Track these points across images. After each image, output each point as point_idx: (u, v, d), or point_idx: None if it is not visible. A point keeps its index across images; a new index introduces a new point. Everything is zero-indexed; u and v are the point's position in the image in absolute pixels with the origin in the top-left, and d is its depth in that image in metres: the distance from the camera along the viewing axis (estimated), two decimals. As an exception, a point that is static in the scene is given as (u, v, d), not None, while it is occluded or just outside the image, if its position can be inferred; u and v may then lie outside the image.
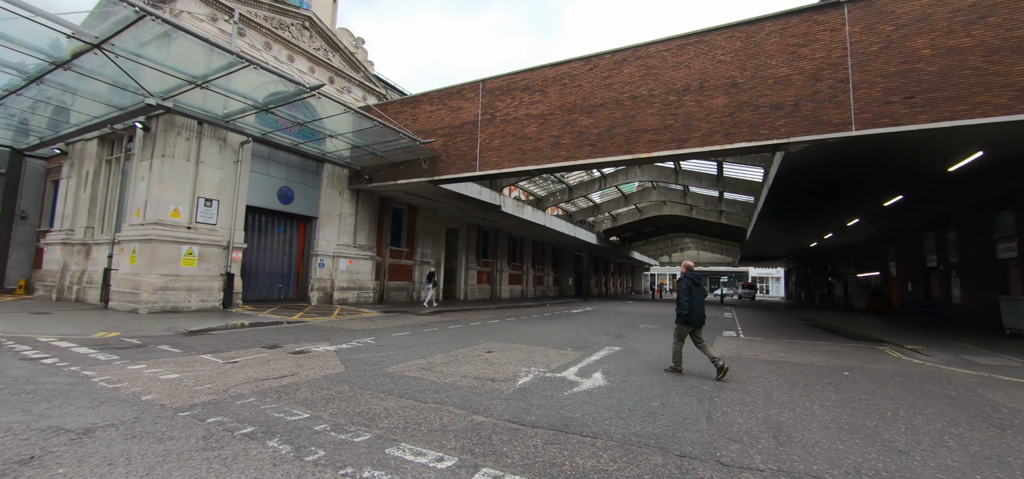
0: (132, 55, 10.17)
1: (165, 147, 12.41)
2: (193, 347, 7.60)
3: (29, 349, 6.81)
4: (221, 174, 13.59)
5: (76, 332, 8.54)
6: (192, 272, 12.56)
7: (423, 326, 12.34)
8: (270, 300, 16.00)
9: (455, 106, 16.15)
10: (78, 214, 15.01)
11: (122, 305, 11.94)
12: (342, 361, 6.93)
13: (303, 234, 17.37)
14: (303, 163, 16.76)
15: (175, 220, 12.38)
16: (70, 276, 14.62)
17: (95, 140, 15.04)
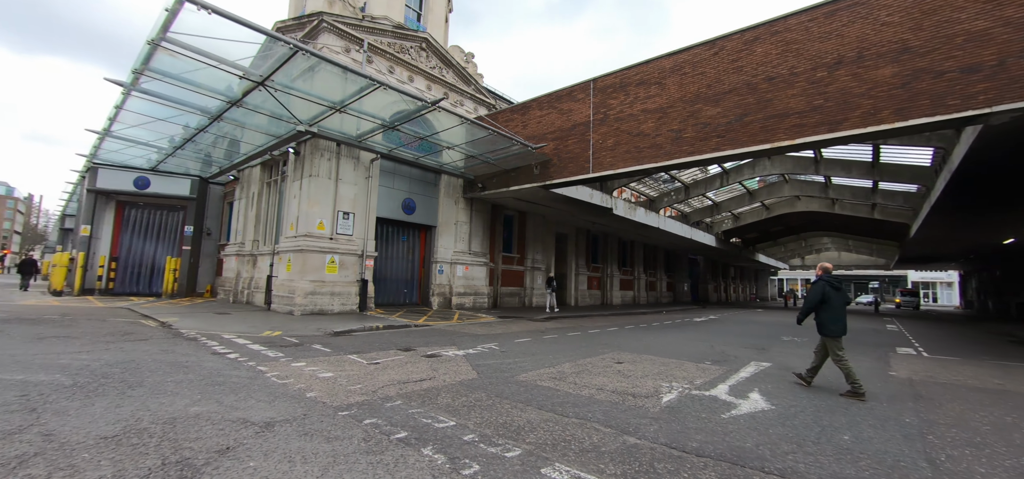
0: (286, 88, 11.60)
1: (311, 168, 13.99)
2: (340, 347, 8.25)
3: (217, 345, 7.94)
4: (355, 189, 14.95)
5: (249, 330, 9.85)
6: (334, 278, 13.94)
7: (542, 333, 12.17)
8: (397, 304, 17.19)
9: (565, 109, 15.87)
10: (247, 230, 17.68)
11: (281, 307, 13.65)
12: (473, 366, 6.95)
13: (424, 242, 18.43)
14: (422, 175, 17.80)
15: (320, 232, 13.86)
16: (242, 282, 17.23)
17: (259, 166, 17.60)
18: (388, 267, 17.05)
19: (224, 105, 12.23)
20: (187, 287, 19.67)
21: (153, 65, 10.33)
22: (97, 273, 18.80)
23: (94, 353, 6.58)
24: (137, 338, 8.20)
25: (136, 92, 11.70)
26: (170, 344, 7.72)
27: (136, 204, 19.95)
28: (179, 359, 6.48)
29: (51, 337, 7.76)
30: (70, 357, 6.20)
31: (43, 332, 8.27)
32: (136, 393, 4.66)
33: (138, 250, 19.82)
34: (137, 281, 19.63)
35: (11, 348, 6.64)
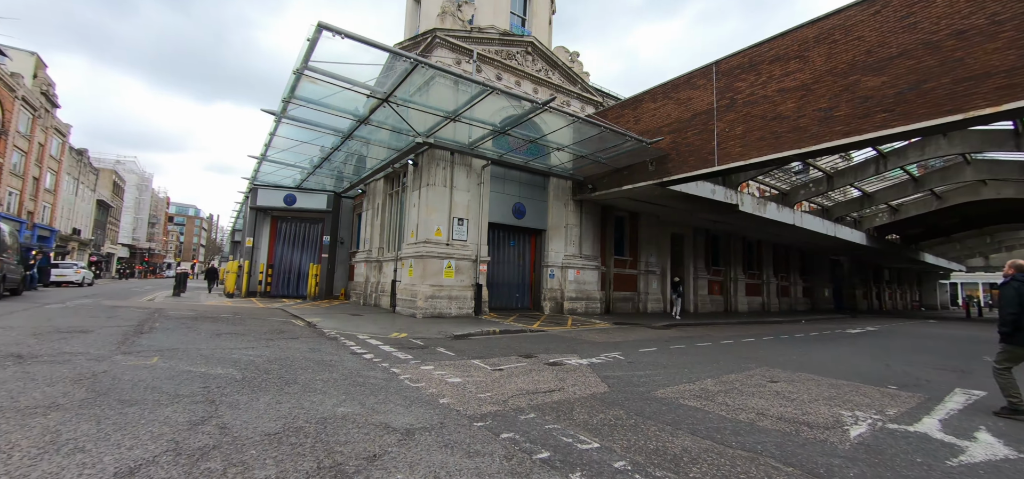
0: (406, 102, 12.25)
1: (428, 177, 14.65)
2: (462, 351, 8.30)
3: (353, 345, 8.49)
4: (468, 196, 15.33)
5: (379, 332, 10.47)
6: (451, 283, 14.39)
7: (667, 342, 11.18)
8: (509, 308, 17.29)
9: (682, 98, 14.61)
10: (373, 238, 19.22)
11: (404, 310, 14.46)
12: (601, 378, 6.43)
13: (534, 246, 18.33)
14: (532, 179, 17.73)
15: (437, 239, 14.43)
16: (370, 286, 18.73)
17: (382, 179, 19.05)
18: (500, 272, 17.23)
19: (354, 124, 13.32)
20: (326, 290, 22.02)
21: (298, 93, 11.57)
22: (258, 278, 21.93)
23: (257, 349, 7.37)
24: (289, 336, 9.11)
25: (285, 119, 13.25)
26: (316, 343, 8.42)
27: (286, 218, 22.93)
28: (324, 358, 6.96)
29: (226, 334, 8.95)
30: (239, 353, 7.00)
31: (220, 329, 9.61)
32: (291, 390, 4.98)
33: (288, 258, 22.73)
34: (288, 285, 22.51)
35: (198, 343, 7.73)
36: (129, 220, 67.27)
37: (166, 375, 5.32)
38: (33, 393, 4.34)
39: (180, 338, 8.13)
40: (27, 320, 9.45)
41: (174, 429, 3.63)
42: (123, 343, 7.33)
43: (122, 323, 9.78)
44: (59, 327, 8.70)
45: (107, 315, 11.10)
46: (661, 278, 22.28)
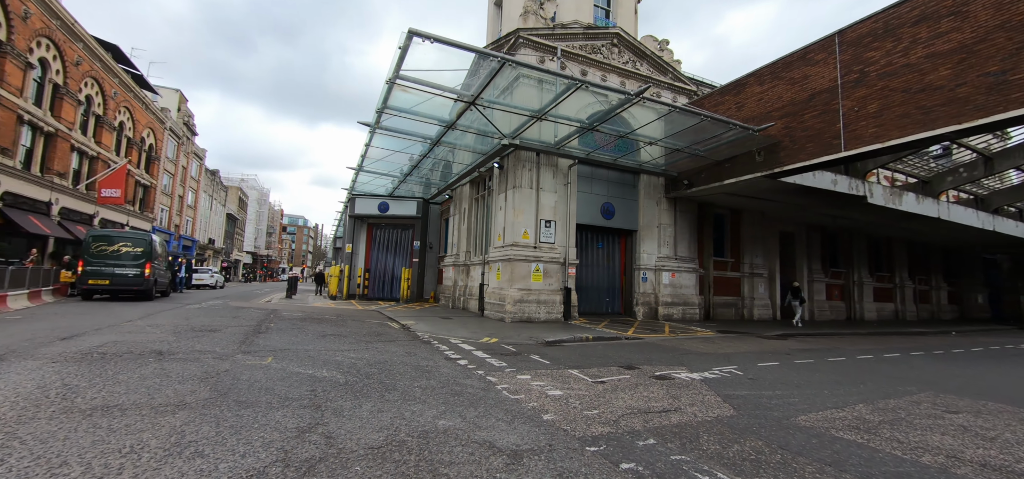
0: (492, 104, 12.13)
1: (514, 179, 14.44)
2: (557, 360, 7.83)
3: (447, 349, 8.42)
4: (555, 197, 14.89)
5: (470, 336, 10.38)
6: (540, 287, 14.03)
7: (788, 355, 9.78)
8: (599, 314, 16.53)
9: (797, 77, 12.88)
10: (460, 242, 19.53)
11: (493, 314, 14.37)
12: (722, 397, 5.59)
13: (624, 248, 17.38)
14: (621, 178, 16.83)
15: (525, 241, 14.16)
16: (458, 290, 19.03)
17: (468, 184, 19.29)
18: (589, 275, 16.54)
19: (441, 129, 13.52)
20: (416, 294, 22.87)
21: (390, 103, 11.95)
22: (356, 281, 23.40)
23: (358, 352, 7.54)
24: (386, 339, 9.31)
25: (379, 129, 13.82)
26: (411, 346, 8.47)
27: (380, 225, 24.25)
28: (420, 363, 6.89)
29: (330, 335, 9.38)
30: (342, 355, 7.19)
31: (324, 331, 10.12)
32: (392, 397, 4.87)
33: (382, 262, 24.00)
34: (382, 288, 23.75)
35: (306, 344, 8.12)
36: (251, 230, 76.46)
37: (278, 376, 5.51)
38: (166, 391, 4.64)
39: (290, 339, 8.62)
40: (170, 319, 10.71)
41: (284, 436, 3.59)
42: (243, 342, 7.90)
43: (244, 323, 10.71)
44: (194, 326, 9.70)
45: (232, 315, 12.30)
46: (769, 281, 20.03)
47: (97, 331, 8.36)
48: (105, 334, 8.03)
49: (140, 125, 31.98)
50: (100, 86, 26.20)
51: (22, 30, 19.22)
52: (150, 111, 33.73)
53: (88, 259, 15.16)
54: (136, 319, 10.40)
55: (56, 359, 5.81)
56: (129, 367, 5.58)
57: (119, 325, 9.31)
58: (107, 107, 27.08)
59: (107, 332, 8.26)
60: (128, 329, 8.76)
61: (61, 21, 21.83)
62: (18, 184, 19.88)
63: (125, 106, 29.57)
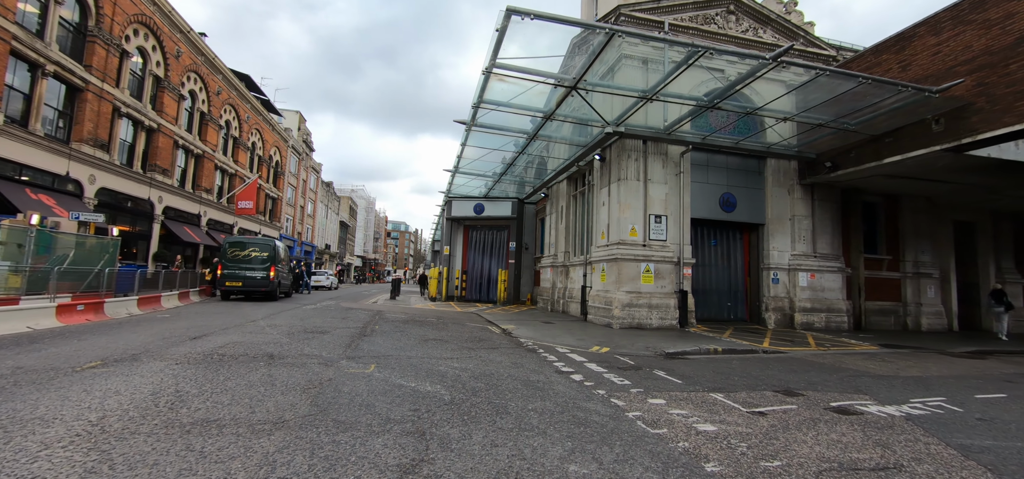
0: (594, 87, 11.00)
1: (619, 171, 13.13)
2: (689, 378, 6.51)
3: (555, 359, 7.50)
4: (666, 189, 13.29)
5: (577, 344, 9.37)
6: (651, 289, 12.57)
7: (1008, 381, 7.32)
8: (719, 320, 14.51)
9: (995, 16, 9.97)
10: (558, 242, 18.59)
11: (597, 319, 13.19)
12: (956, 450, 3.93)
13: (747, 244, 15.11)
14: (742, 164, 14.63)
15: (633, 239, 12.78)
16: (557, 292, 18.11)
17: (565, 180, 18.30)
18: (706, 276, 14.61)
19: (539, 122, 12.71)
20: (513, 296, 22.40)
21: (487, 96, 11.40)
22: (454, 284, 23.60)
23: (461, 360, 6.92)
24: (489, 346, 8.66)
25: (475, 127, 13.41)
26: (516, 355, 7.70)
27: (476, 226, 24.25)
28: (530, 376, 6.06)
29: (432, 340, 8.98)
30: (445, 364, 6.61)
31: (426, 334, 9.80)
32: (505, 424, 4.05)
33: (479, 264, 23.96)
34: (479, 290, 23.69)
35: (408, 349, 7.73)
36: (361, 236, 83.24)
37: (380, 389, 5.00)
38: (268, 404, 4.29)
39: (394, 343, 8.33)
40: (288, 320, 11.19)
41: (381, 474, 2.91)
42: (349, 346, 7.73)
43: (351, 325, 10.82)
44: (306, 327, 9.94)
45: (342, 317, 12.65)
46: (940, 284, 16.20)
47: (223, 331, 8.81)
48: (229, 334, 8.39)
49: (268, 144, 35.93)
50: (236, 112, 29.76)
51: (175, 67, 22.28)
52: (276, 131, 37.80)
53: (225, 263, 16.87)
54: (259, 319, 11.01)
55: (180, 360, 5.93)
56: (240, 372, 5.46)
57: (243, 325, 9.83)
58: (242, 130, 30.69)
59: (232, 332, 8.65)
60: (250, 330, 9.15)
61: (205, 57, 25.04)
62: (175, 199, 23.09)
63: (256, 128, 33.36)
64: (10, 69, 14.24)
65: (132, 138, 20.19)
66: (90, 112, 17.16)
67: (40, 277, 11.74)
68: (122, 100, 18.79)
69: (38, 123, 15.19)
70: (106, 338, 7.60)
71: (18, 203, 13.57)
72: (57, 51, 15.57)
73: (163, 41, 21.16)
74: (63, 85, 16.36)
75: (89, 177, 17.22)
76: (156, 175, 21.33)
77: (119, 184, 18.91)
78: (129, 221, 20.32)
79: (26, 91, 14.95)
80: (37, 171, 15.18)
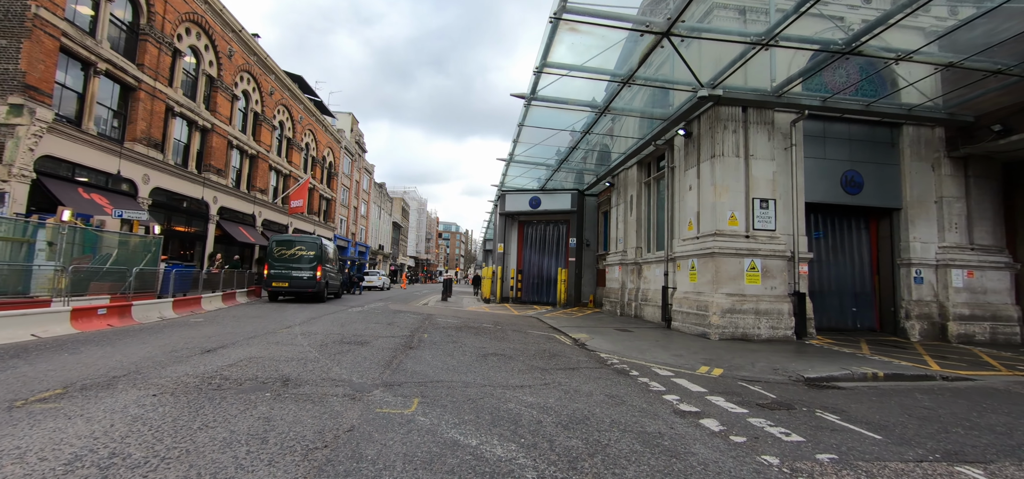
0: (692, 33, 8.73)
1: (713, 146, 10.72)
2: (882, 426, 4.22)
3: (658, 386, 5.43)
4: (772, 167, 10.72)
5: (676, 362, 7.20)
6: (757, 291, 10.08)
7: None
8: (843, 329, 11.70)
9: None
10: (627, 237, 16.29)
11: (686, 327, 10.86)
12: None
13: (875, 234, 12.14)
14: (869, 133, 11.71)
15: (732, 229, 10.35)
16: (627, 293, 15.83)
17: (634, 166, 15.98)
18: (822, 274, 11.84)
19: (613, 88, 10.58)
20: (574, 297, 20.28)
21: (551, 58, 9.48)
22: (509, 284, 21.84)
23: (537, 391, 5.01)
24: (565, 364, 6.70)
25: (535, 101, 11.51)
26: (607, 381, 5.68)
27: (531, 222, 22.35)
28: (643, 424, 4.03)
29: (492, 355, 7.15)
30: (515, 397, 4.73)
31: (484, 346, 7.99)
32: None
33: (535, 263, 22.04)
34: (536, 290, 21.77)
35: (463, 371, 5.93)
36: (413, 237, 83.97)
37: (423, 453, 3.18)
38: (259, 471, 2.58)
39: (444, 360, 6.57)
40: (327, 327, 9.80)
41: None
42: (389, 365, 6.05)
43: (396, 333, 9.23)
44: (345, 336, 8.43)
45: (387, 322, 11.16)
46: None
47: (247, 341, 7.44)
48: (250, 346, 6.98)
49: (321, 145, 35.97)
50: (289, 112, 29.71)
51: (228, 66, 22.09)
52: (329, 133, 37.88)
53: (272, 263, 16.04)
54: (295, 326, 9.70)
55: (163, 389, 4.43)
56: (230, 412, 3.85)
57: (274, 333, 8.49)
58: (295, 131, 30.65)
59: (254, 344, 7.25)
60: (278, 339, 7.74)
61: (257, 57, 24.88)
62: (230, 200, 22.96)
63: (309, 129, 33.36)
64: (62, 67, 14.03)
65: (187, 138, 20.05)
66: (143, 111, 16.94)
67: (82, 279, 11.14)
68: (175, 99, 18.58)
69: (91, 122, 14.97)
70: (104, 351, 6.38)
71: (68, 202, 13.24)
72: (108, 49, 15.32)
73: (215, 40, 20.95)
74: (116, 84, 16.17)
75: (143, 176, 17.01)
76: (211, 175, 21.17)
77: (174, 184, 18.73)
78: (184, 221, 20.22)
79: (79, 90, 14.76)
80: (90, 170, 14.97)
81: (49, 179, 13.48)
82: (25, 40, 12.82)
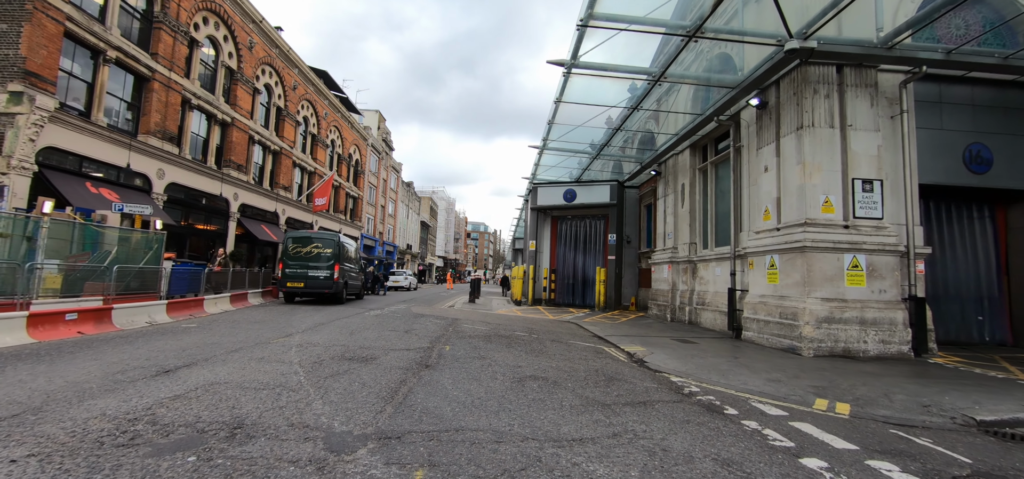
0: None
1: (800, 116, 8.67)
2: None
3: (781, 437, 3.60)
4: (876, 139, 8.58)
5: (773, 390, 5.32)
6: (861, 295, 7.99)
7: None
8: (968, 343, 9.42)
9: None
10: (679, 231, 14.27)
11: (764, 338, 8.84)
12: None
13: (1004, 225, 9.76)
14: (999, 97, 9.36)
15: (827, 217, 8.28)
16: (679, 295, 13.82)
17: (686, 150, 13.96)
18: (937, 274, 9.57)
19: (676, 44, 8.68)
20: (614, 299, 18.36)
21: (598, 9, 7.71)
22: (542, 284, 20.09)
23: (605, 453, 3.28)
24: (631, 396, 4.93)
25: (575, 69, 9.75)
26: (698, 427, 3.89)
27: (566, 217, 20.53)
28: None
29: (531, 380, 5.45)
30: (576, 469, 3.00)
31: (520, 363, 6.30)
32: None
33: (570, 261, 20.21)
34: (571, 292, 19.94)
35: (493, 410, 4.27)
36: (442, 237, 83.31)
37: None
38: None
39: (468, 390, 4.92)
40: (331, 336, 8.35)
41: None
42: (392, 398, 4.44)
43: (413, 345, 7.67)
44: (349, 349, 6.92)
45: (404, 329, 9.64)
46: None
47: (225, 357, 6.01)
48: (225, 365, 5.54)
49: (347, 142, 35.20)
50: (314, 108, 28.90)
51: (248, 59, 21.25)
52: (355, 130, 37.10)
53: (287, 262, 14.89)
54: (296, 334, 8.29)
55: (43, 447, 2.95)
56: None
57: (265, 344, 7.06)
58: (320, 127, 29.85)
59: (231, 361, 5.80)
60: (264, 354, 6.29)
61: (280, 50, 24.05)
62: (252, 197, 22.16)
63: (335, 125, 32.57)
64: (68, 55, 13.24)
65: (206, 132, 19.27)
66: (157, 103, 16.13)
67: (78, 278, 10.14)
68: (192, 91, 17.77)
69: (100, 113, 14.17)
70: (30, 371, 5.05)
71: (73, 197, 12.38)
72: (119, 36, 14.50)
73: (235, 31, 20.12)
74: (128, 74, 15.39)
75: (157, 171, 16.20)
76: (231, 171, 20.37)
77: (191, 180, 17.92)
78: (203, 219, 19.45)
79: (88, 79, 13.97)
80: (100, 164, 14.17)
81: (53, 172, 12.67)
82: (26, 24, 12.01)
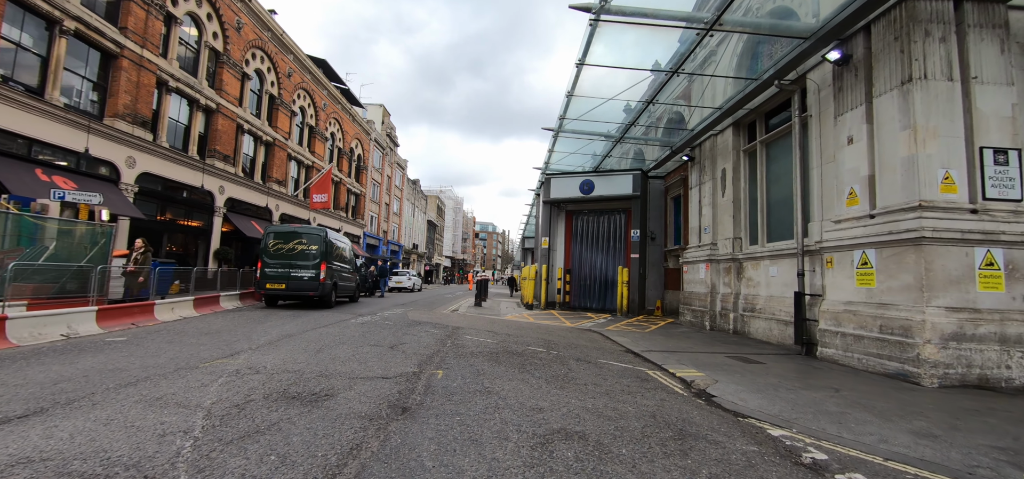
0: None
1: (907, 66, 6.59)
2: None
3: None
4: (1010, 95, 6.48)
5: (933, 454, 3.29)
6: (998, 304, 5.91)
7: None
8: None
9: None
10: (718, 224, 12.21)
11: (855, 359, 6.77)
12: None
13: None
14: None
15: (948, 198, 6.20)
16: (720, 299, 11.76)
17: (728, 129, 11.89)
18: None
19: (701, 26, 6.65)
20: (638, 304, 16.31)
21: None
22: (556, 286, 18.10)
23: None
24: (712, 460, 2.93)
25: (605, 16, 7.77)
26: None
27: (582, 212, 18.52)
28: None
29: (560, 439, 3.48)
30: None
31: (540, 406, 4.33)
32: None
33: (587, 261, 18.20)
34: (589, 295, 17.91)
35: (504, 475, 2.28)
36: (449, 237, 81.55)
37: None
38: None
39: (462, 465, 2.96)
40: (292, 353, 6.45)
41: None
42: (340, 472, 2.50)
43: (392, 370, 5.74)
44: (296, 382, 5.01)
45: (391, 344, 7.71)
46: None
47: (104, 396, 4.13)
48: (87, 412, 3.65)
49: (349, 136, 33.48)
50: (311, 98, 27.19)
51: (236, 40, 19.54)
52: (357, 123, 35.38)
53: (265, 260, 13.06)
54: (243, 352, 6.40)
55: None
56: None
57: (186, 370, 5.18)
58: (318, 118, 28.13)
59: (103, 404, 3.92)
60: (169, 388, 4.41)
61: (272, 33, 22.33)
62: (240, 190, 20.45)
63: (334, 118, 30.86)
64: (15, 22, 11.56)
65: (188, 119, 17.58)
66: (127, 83, 14.42)
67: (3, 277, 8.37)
68: (169, 72, 16.06)
69: (56, 91, 12.47)
70: None
71: (12, 188, 10.64)
72: (78, 5, 12.80)
73: (219, 8, 18.42)
74: (94, 51, 13.71)
75: (127, 159, 14.50)
76: (216, 162, 18.67)
77: (168, 170, 16.21)
78: (184, 213, 17.77)
79: (42, 53, 12.28)
80: (55, 148, 12.48)
81: (-8, 156, 10.99)
82: (-44, -18, 10.36)
